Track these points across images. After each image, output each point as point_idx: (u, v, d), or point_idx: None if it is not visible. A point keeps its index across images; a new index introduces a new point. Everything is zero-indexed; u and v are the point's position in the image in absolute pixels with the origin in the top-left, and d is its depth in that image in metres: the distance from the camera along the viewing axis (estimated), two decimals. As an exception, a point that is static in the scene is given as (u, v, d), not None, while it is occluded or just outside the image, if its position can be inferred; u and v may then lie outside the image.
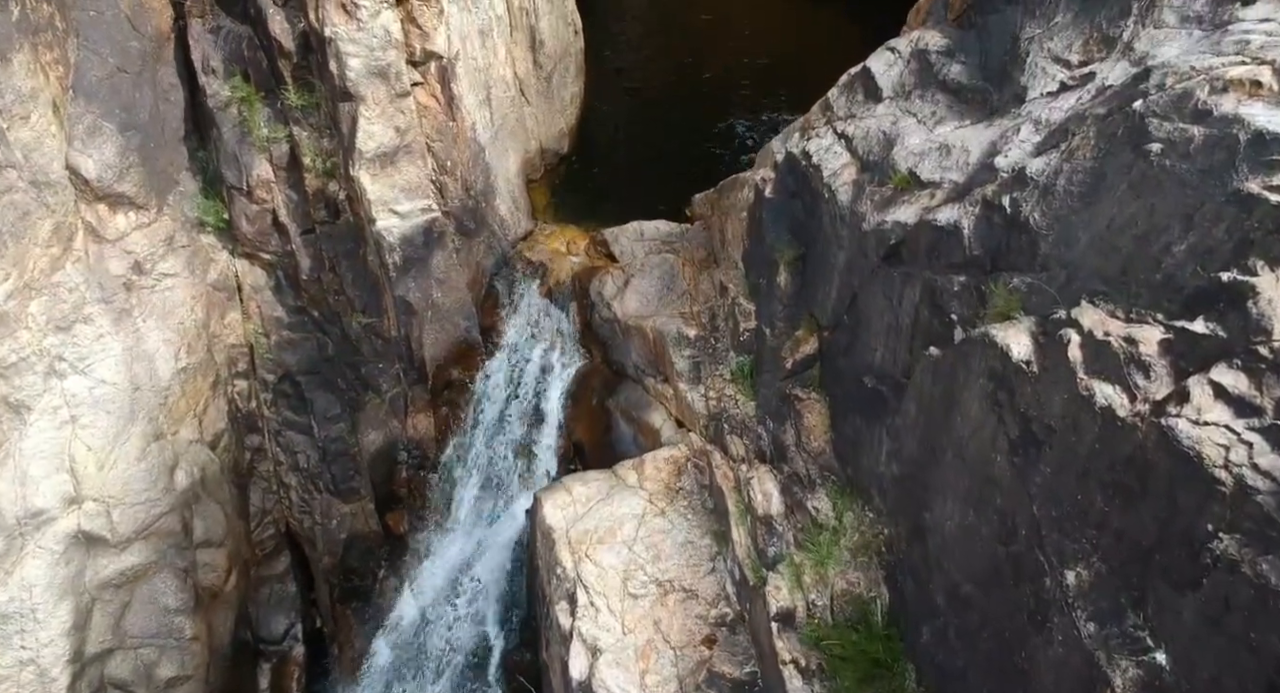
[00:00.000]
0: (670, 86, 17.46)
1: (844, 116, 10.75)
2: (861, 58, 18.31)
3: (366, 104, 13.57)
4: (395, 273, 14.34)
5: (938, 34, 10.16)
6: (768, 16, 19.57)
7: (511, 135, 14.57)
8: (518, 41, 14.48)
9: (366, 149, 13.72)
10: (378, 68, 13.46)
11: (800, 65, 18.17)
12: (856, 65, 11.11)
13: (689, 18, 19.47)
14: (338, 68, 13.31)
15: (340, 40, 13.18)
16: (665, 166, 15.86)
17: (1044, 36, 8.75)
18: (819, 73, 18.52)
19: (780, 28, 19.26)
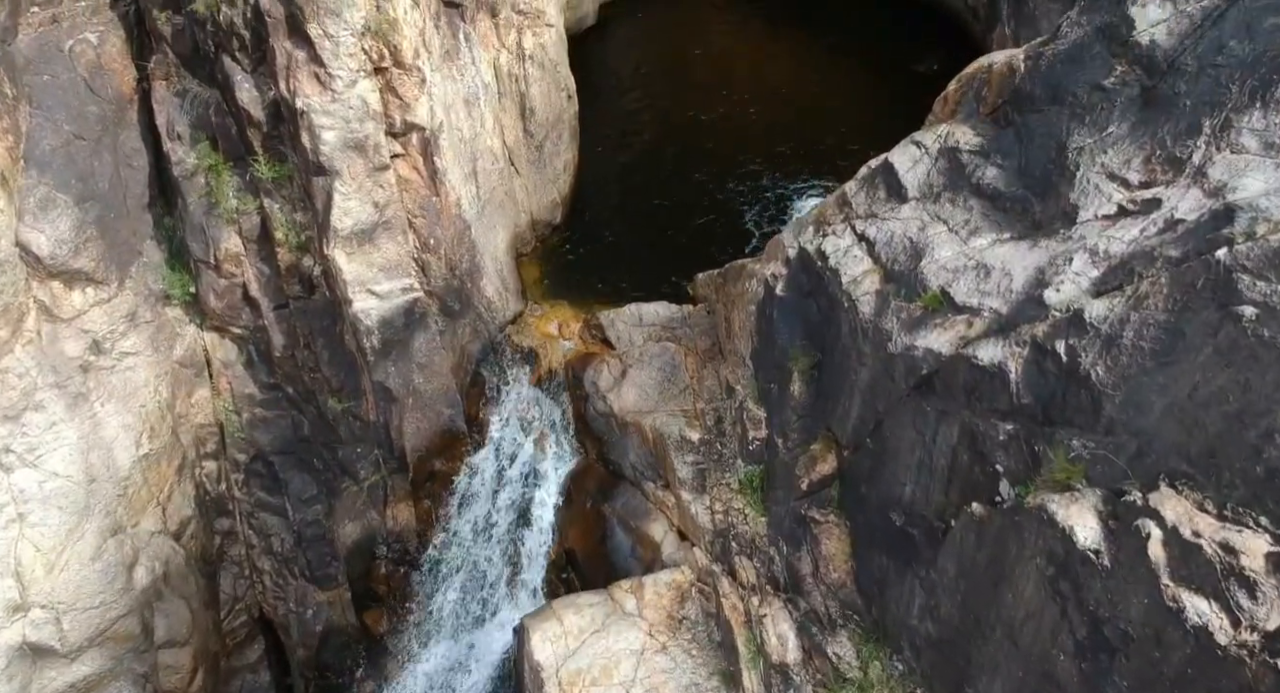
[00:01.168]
0: (669, 149, 16.50)
1: (864, 215, 9.80)
2: (871, 121, 17.76)
3: (342, 178, 12.56)
4: (373, 357, 13.31)
5: (969, 130, 9.22)
6: (770, 70, 18.66)
7: (500, 209, 13.59)
8: (507, 109, 13.51)
9: (342, 226, 12.69)
10: (354, 140, 12.45)
11: (805, 124, 17.28)
12: (877, 158, 10.15)
13: (689, 74, 18.54)
14: (311, 141, 12.30)
15: (313, 112, 12.17)
16: (664, 236, 14.91)
17: (1096, 148, 7.82)
18: (825, 133, 17.78)
19: (783, 81, 18.35)
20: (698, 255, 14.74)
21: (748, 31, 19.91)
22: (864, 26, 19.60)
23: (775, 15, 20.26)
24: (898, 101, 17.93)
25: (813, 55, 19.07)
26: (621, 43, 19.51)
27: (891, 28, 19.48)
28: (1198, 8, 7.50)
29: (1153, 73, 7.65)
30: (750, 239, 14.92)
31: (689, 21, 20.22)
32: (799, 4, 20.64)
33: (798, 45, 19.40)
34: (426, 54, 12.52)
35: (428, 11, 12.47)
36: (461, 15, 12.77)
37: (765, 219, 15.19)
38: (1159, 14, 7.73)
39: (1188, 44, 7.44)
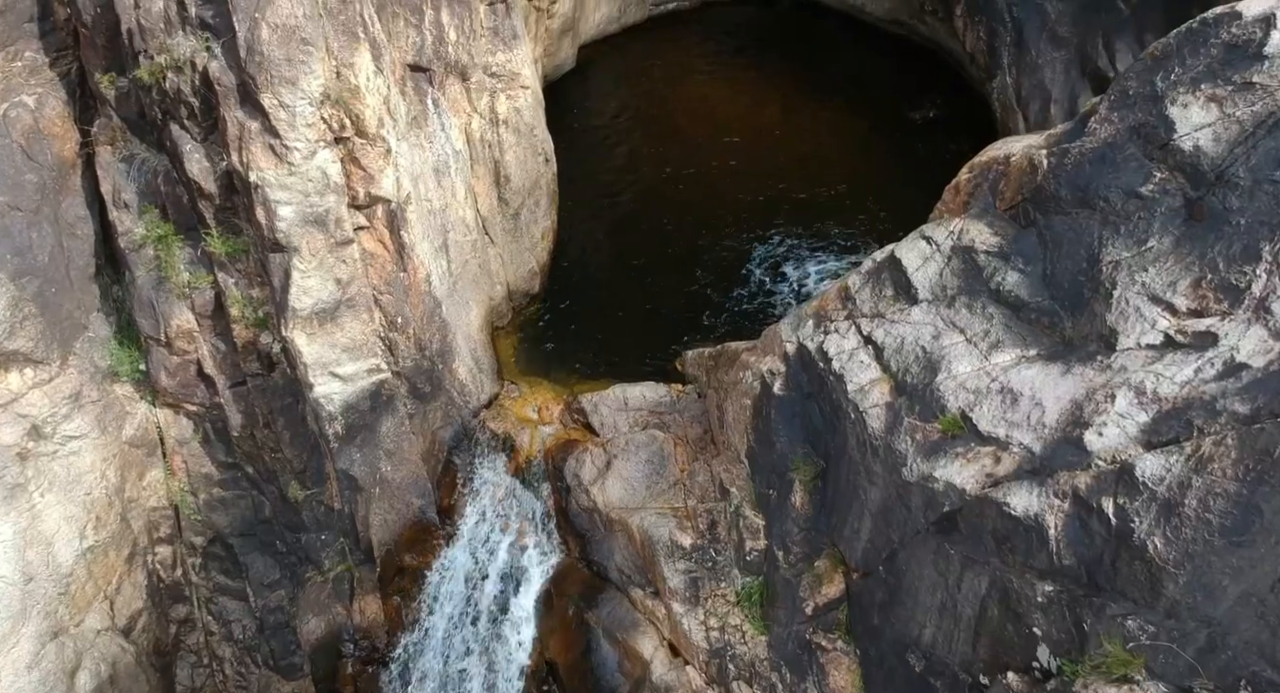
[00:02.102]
0: (654, 207, 15.65)
1: (869, 314, 8.97)
2: (867, 173, 16.91)
3: (301, 255, 11.59)
4: (337, 443, 12.33)
5: (985, 228, 8.41)
6: (758, 116, 17.86)
7: (473, 283, 12.68)
8: (480, 176, 12.62)
9: (301, 306, 11.72)
10: (314, 215, 11.49)
11: (797, 176, 16.47)
12: (880, 251, 9.32)
13: (672, 121, 17.69)
14: (266, 216, 11.33)
15: (268, 186, 11.21)
16: (650, 303, 14.04)
17: (1135, 264, 7.02)
18: (819, 186, 16.83)
19: (771, 129, 17.54)
20: (686, 325, 13.89)
21: (733, 75, 19.11)
22: (855, 69, 18.87)
23: (762, 57, 19.48)
24: (894, 152, 17.23)
25: (802, 100, 18.27)
26: (601, 87, 18.64)
27: (884, 71, 18.75)
28: (1248, 112, 6.72)
29: (1197, 183, 6.87)
30: (741, 307, 14.08)
31: (671, 64, 19.40)
32: (786, 45, 19.90)
33: (786, 89, 18.60)
34: (391, 122, 11.60)
35: (393, 77, 11.56)
36: (429, 80, 11.87)
37: (757, 285, 14.36)
38: (1202, 117, 6.95)
39: (1238, 154, 6.66)
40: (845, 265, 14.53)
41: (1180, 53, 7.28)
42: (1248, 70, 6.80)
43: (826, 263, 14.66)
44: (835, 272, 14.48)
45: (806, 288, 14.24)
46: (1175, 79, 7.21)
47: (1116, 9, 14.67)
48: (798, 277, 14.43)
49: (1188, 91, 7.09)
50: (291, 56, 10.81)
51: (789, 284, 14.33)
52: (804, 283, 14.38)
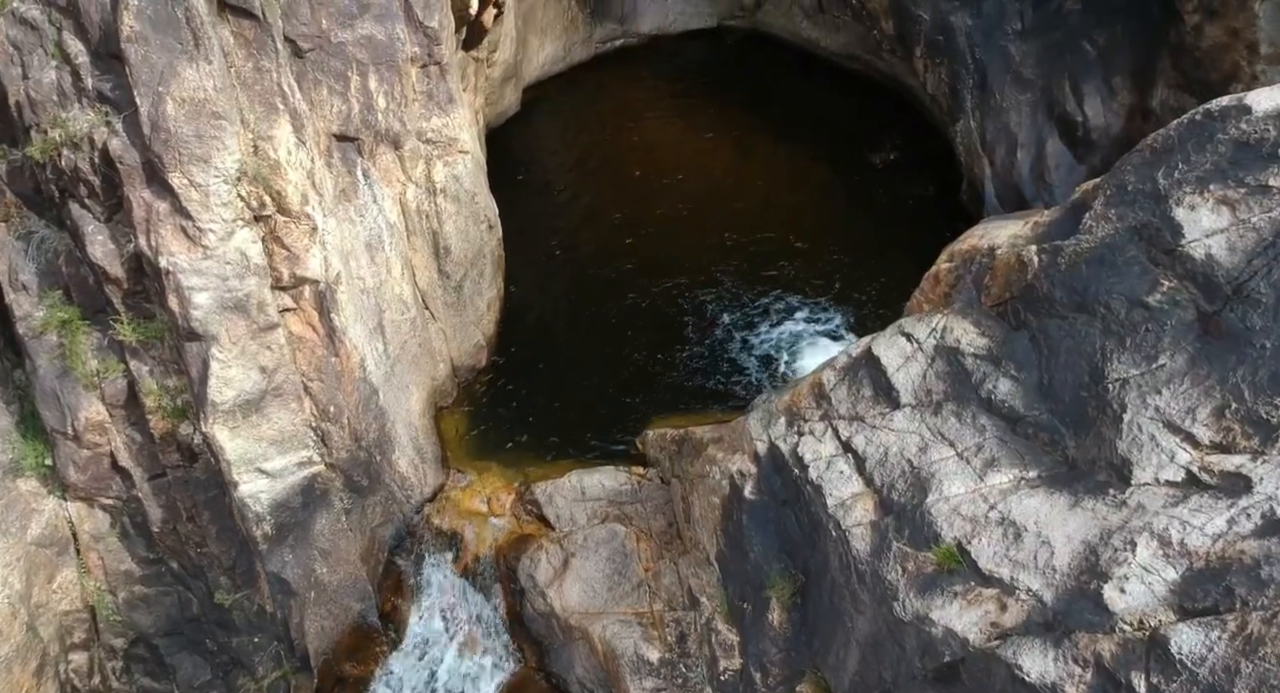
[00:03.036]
0: (608, 265, 14.79)
1: (847, 417, 8.19)
2: (829, 221, 16.12)
3: (220, 344, 10.53)
4: (266, 544, 11.26)
5: (971, 327, 7.69)
6: (714, 161, 17.10)
7: (413, 364, 11.73)
8: (418, 249, 11.68)
9: (222, 399, 10.65)
10: (233, 300, 10.44)
11: (757, 225, 15.69)
12: (857, 345, 8.56)
13: (625, 169, 16.82)
14: (180, 304, 10.26)
15: (181, 272, 10.14)
16: (606, 372, 13.17)
17: (1145, 384, 6.32)
18: (780, 236, 15.84)
19: (729, 175, 16.79)
20: (644, 395, 13.03)
21: (687, 117, 18.32)
22: (811, 107, 18.19)
23: (714, 95, 18.73)
24: (855, 198, 16.55)
25: (758, 141, 17.55)
26: (548, 131, 17.75)
27: (842, 109, 18.10)
28: (1265, 220, 6.06)
29: (1212, 296, 6.19)
30: (703, 374, 13.26)
31: (621, 106, 18.57)
32: (739, 81, 19.18)
33: (741, 129, 17.86)
34: (317, 197, 10.61)
35: (317, 149, 10.57)
36: (358, 150, 10.90)
37: (719, 349, 13.56)
38: (1213, 221, 6.28)
39: (1258, 267, 5.99)
40: (812, 329, 13.81)
41: (1183, 147, 6.62)
42: (1262, 172, 6.15)
43: (791, 324, 13.91)
44: (801, 335, 13.75)
45: (772, 353, 13.48)
46: (1180, 177, 6.54)
47: (1083, 51, 14.16)
48: (762, 340, 13.66)
49: (1195, 192, 6.42)
50: (202, 132, 9.78)
51: (753, 349, 13.56)
52: (768, 347, 13.61)
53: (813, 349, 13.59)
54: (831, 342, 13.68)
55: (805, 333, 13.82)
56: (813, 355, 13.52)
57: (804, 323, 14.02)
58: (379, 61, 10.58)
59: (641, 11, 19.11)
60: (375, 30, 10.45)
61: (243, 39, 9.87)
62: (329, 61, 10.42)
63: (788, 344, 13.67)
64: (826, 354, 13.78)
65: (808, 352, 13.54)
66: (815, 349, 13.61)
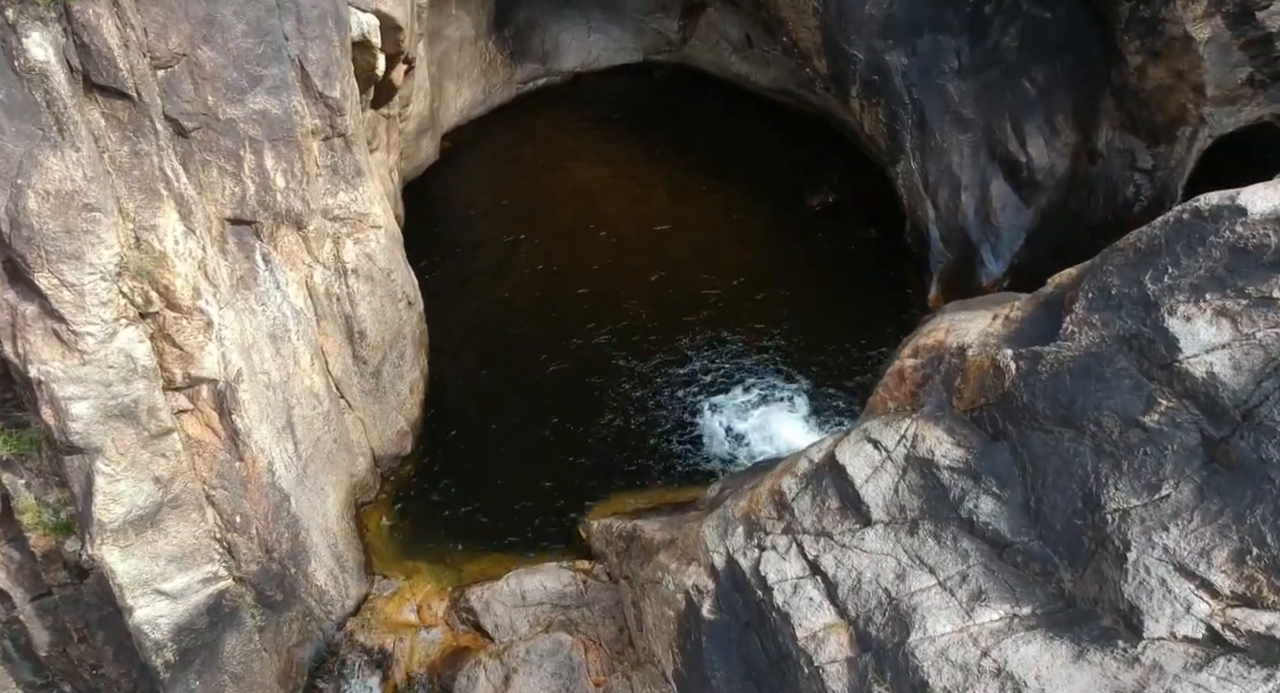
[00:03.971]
0: (539, 329, 13.83)
1: (813, 531, 7.43)
2: (768, 267, 15.11)
3: (106, 457, 9.35)
4: (170, 672, 10.08)
5: (944, 435, 6.98)
6: (647, 206, 16.29)
7: (329, 462, 10.67)
8: (329, 334, 10.63)
9: (111, 517, 9.47)
10: (119, 407, 9.27)
11: (694, 274, 14.95)
12: (818, 448, 7.79)
13: (553, 218, 15.86)
14: (56, 416, 9.06)
15: (55, 381, 8.94)
16: (542, 448, 12.25)
17: (1149, 517, 5.66)
18: (719, 285, 14.46)
19: (663, 220, 16.00)
20: (584, 473, 12.15)
21: (614, 156, 17.49)
22: (744, 145, 17.50)
23: (643, 134, 17.91)
24: (794, 244, 15.82)
25: (691, 183, 16.79)
26: (470, 181, 16.73)
27: (776, 146, 17.44)
28: (1271, 335, 5.45)
29: (1218, 420, 5.55)
30: (645, 447, 12.43)
31: (545, 146, 17.66)
32: (668, 118, 18.40)
33: (672, 170, 17.09)
34: (211, 288, 9.49)
35: (209, 235, 9.46)
36: (256, 233, 9.81)
37: (661, 417, 12.74)
38: (1212, 335, 5.65)
39: (1269, 390, 5.36)
40: (759, 390, 13.08)
41: (1171, 249, 5.99)
42: (1264, 282, 5.54)
43: (736, 386, 13.17)
44: (748, 397, 13.00)
45: (718, 419, 12.70)
46: (1171, 283, 5.91)
47: (1022, 89, 13.73)
48: (705, 405, 12.88)
49: (1189, 301, 5.80)
50: (72, 227, 8.61)
51: (698, 414, 12.77)
52: (713, 411, 12.83)
53: (761, 413, 12.87)
54: (781, 403, 12.98)
55: (752, 395, 13.08)
56: (761, 419, 12.81)
57: (750, 383, 13.28)
58: (275, 137, 9.52)
59: (564, 49, 18.22)
60: (269, 104, 9.39)
61: (116, 121, 8.73)
62: (218, 140, 9.33)
63: (735, 408, 12.91)
64: (776, 417, 13.13)
65: (756, 416, 12.81)
66: (764, 413, 12.89)
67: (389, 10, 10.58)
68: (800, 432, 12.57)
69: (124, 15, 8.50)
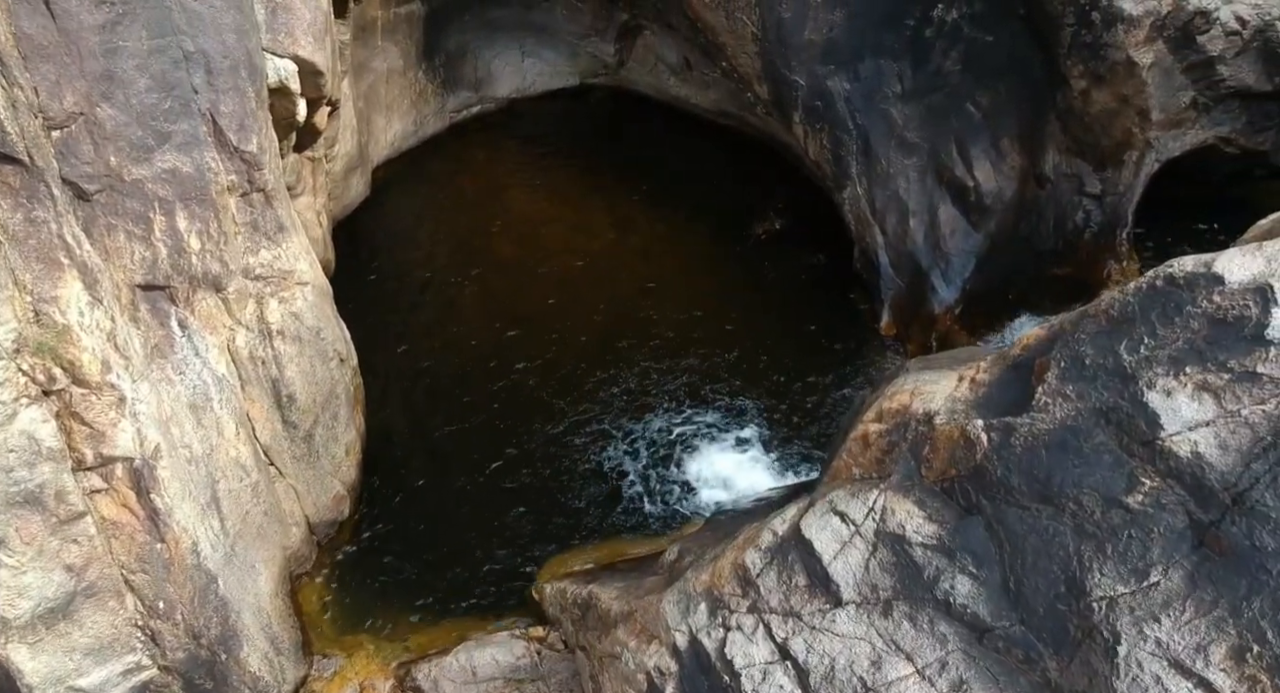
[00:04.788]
0: (481, 374, 13.24)
1: (780, 611, 7.01)
2: (717, 299, 14.69)
3: (9, 547, 8.55)
4: (96, 777, 9.30)
5: (915, 509, 6.61)
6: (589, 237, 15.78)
7: (259, 537, 9.99)
8: (256, 399, 9.96)
9: (17, 613, 8.67)
10: (22, 494, 8.50)
11: (640, 308, 14.50)
12: (782, 520, 7.38)
13: (492, 253, 15.27)
14: (-47, 509, 8.28)
15: (-50, 472, 8.18)
16: (487, 509, 11.68)
17: (1139, 606, 5.33)
18: (667, 319, 13.99)
19: (605, 252, 15.52)
20: (534, 525, 11.61)
21: (554, 184, 16.98)
22: (688, 169, 17.10)
23: (584, 160, 17.42)
24: (745, 272, 15.39)
25: (635, 211, 16.35)
26: (405, 217, 16.07)
27: (719, 170, 17.08)
28: (1258, 413, 5.15)
29: (1206, 503, 5.25)
30: (598, 498, 11.93)
31: (482, 177, 17.07)
32: (608, 144, 17.97)
33: (615, 198, 16.63)
34: (122, 361, 8.77)
35: (117, 304, 8.73)
36: (171, 299, 9.10)
37: (614, 463, 12.24)
38: (1195, 412, 5.35)
39: (1259, 472, 5.07)
40: (713, 431, 12.67)
41: (1146, 318, 5.68)
42: (1246, 356, 5.25)
43: (688, 426, 12.74)
44: (702, 438, 12.59)
45: (673, 465, 12.26)
46: (1148, 354, 5.60)
47: (967, 113, 13.53)
48: (658, 449, 12.43)
49: (1169, 374, 5.49)
50: (-40, 304, 7.87)
51: (652, 459, 12.31)
52: (667, 456, 12.38)
53: (715, 454, 12.46)
54: (736, 443, 12.59)
55: (706, 435, 12.66)
56: (716, 461, 12.40)
57: (703, 423, 12.86)
58: (187, 197, 8.84)
59: (497, 75, 17.66)
60: (180, 162, 8.71)
61: (7, 188, 7.99)
62: (124, 202, 8.62)
63: (688, 450, 12.48)
64: (731, 458, 12.72)
65: (710, 457, 12.39)
66: (718, 453, 12.48)
67: (308, 55, 9.95)
68: (756, 473, 12.19)
69: (10, 74, 7.77)
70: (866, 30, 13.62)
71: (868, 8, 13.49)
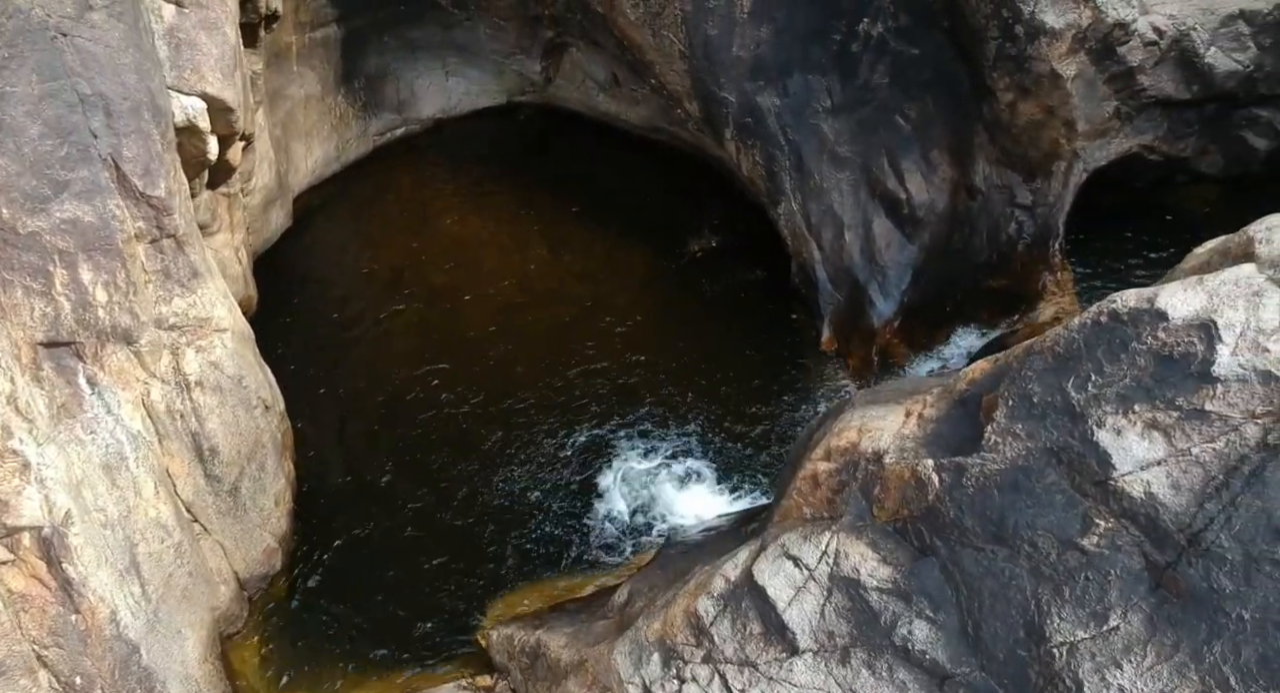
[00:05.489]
0: (416, 407, 12.79)
1: (735, 660, 6.80)
2: (656, 321, 14.62)
3: (-89, 631, 7.97)
4: None
5: (869, 552, 6.46)
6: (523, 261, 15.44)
7: (184, 600, 9.46)
8: (176, 455, 9.44)
9: (-76, 701, 8.09)
10: (-77, 574, 7.93)
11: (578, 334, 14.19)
12: (734, 564, 7.17)
13: (425, 281, 14.82)
14: None
15: None
16: (426, 549, 11.26)
17: (1099, 652, 5.24)
18: (605, 344, 13.62)
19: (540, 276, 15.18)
20: (478, 564, 11.25)
21: (485, 206, 16.58)
22: (625, 190, 16.78)
23: (514, 180, 17.03)
24: (684, 289, 15.10)
25: (569, 231, 16.02)
26: (330, 247, 15.54)
27: (653, 185, 16.83)
28: (1209, 451, 5.09)
29: (1162, 543, 5.17)
30: (542, 528, 11.62)
31: (410, 201, 16.61)
32: (539, 162, 17.59)
33: (549, 218, 16.29)
34: (26, 424, 8.21)
35: (18, 365, 8.17)
36: (78, 355, 8.55)
37: (557, 496, 11.94)
38: (1146, 450, 5.28)
39: (1213, 513, 5.00)
40: (658, 456, 12.44)
41: (1092, 354, 5.60)
42: (1194, 393, 5.19)
43: (632, 451, 12.49)
44: (646, 464, 12.36)
45: (616, 493, 12.00)
46: (1096, 391, 5.52)
47: (896, 125, 13.53)
48: (601, 477, 12.16)
49: (1118, 412, 5.41)
50: None
51: (594, 491, 12.04)
52: (610, 483, 12.12)
53: (660, 479, 12.23)
54: (679, 466, 12.37)
55: (649, 460, 12.42)
56: (660, 487, 12.16)
57: (645, 448, 12.61)
58: (91, 247, 8.31)
59: (420, 96, 17.20)
60: (81, 211, 8.19)
61: (-115, 246, 7.43)
62: (20, 256, 8.07)
63: (632, 477, 12.23)
64: (674, 483, 12.49)
65: (655, 484, 12.16)
66: (662, 479, 12.25)
67: (216, 92, 9.47)
68: (703, 499, 11.99)
69: (-116, 126, 7.22)
70: (794, 45, 13.54)
71: (794, 23, 13.41)
